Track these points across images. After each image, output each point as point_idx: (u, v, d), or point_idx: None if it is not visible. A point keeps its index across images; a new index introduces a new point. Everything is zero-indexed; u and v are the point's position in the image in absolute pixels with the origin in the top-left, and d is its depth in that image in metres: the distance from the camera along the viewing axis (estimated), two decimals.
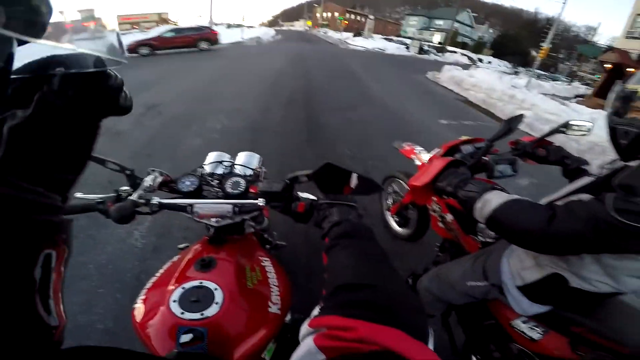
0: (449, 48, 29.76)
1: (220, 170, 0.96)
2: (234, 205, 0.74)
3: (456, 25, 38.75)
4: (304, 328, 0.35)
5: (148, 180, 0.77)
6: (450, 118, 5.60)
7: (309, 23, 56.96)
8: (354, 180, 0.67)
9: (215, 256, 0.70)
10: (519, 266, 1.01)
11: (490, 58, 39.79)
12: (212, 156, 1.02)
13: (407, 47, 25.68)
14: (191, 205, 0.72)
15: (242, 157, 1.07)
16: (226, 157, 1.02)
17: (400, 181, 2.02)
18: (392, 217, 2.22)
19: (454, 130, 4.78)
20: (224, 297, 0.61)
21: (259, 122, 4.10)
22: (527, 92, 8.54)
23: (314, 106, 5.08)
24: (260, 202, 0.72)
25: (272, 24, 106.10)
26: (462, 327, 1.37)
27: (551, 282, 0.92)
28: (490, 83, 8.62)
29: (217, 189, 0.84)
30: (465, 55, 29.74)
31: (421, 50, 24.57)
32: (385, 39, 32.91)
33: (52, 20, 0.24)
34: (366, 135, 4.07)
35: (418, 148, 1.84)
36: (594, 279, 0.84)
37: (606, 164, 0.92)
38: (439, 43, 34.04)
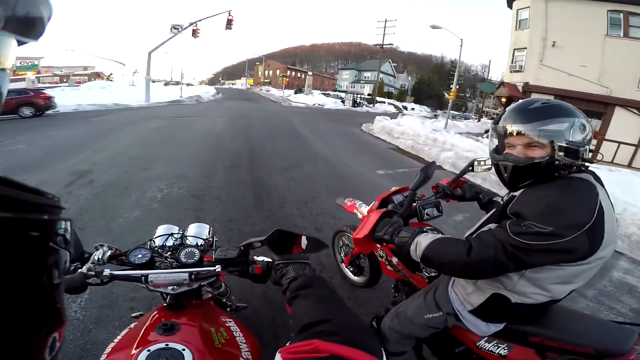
0: (378, 99, 33.74)
1: (170, 242, 0.99)
2: (190, 273, 0.77)
3: (381, 75, 44.32)
4: (277, 356, 0.42)
5: (97, 254, 0.79)
6: (386, 167, 6.13)
7: (251, 81, 59.92)
8: (303, 241, 0.76)
9: (176, 320, 0.72)
10: (464, 292, 1.11)
11: (413, 104, 45.83)
12: (161, 229, 1.06)
13: (343, 101, 28.46)
14: (146, 275, 0.75)
15: (192, 229, 1.12)
16: (175, 229, 1.06)
17: (348, 234, 2.16)
18: (347, 268, 2.34)
19: (390, 178, 5.22)
20: (194, 357, 0.61)
21: (202, 189, 3.99)
22: (446, 133, 9.87)
23: (259, 167, 5.15)
24: (218, 268, 0.78)
25: (212, 82, 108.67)
26: (437, 358, 1.41)
27: (495, 302, 1.01)
28: (415, 129, 9.82)
29: (171, 260, 0.87)
30: (392, 104, 33.91)
31: (355, 103, 27.37)
32: (323, 94, 36.09)
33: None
34: (312, 192, 4.21)
35: (358, 202, 2.04)
36: (528, 292, 0.95)
37: (506, 194, 1.09)
38: (369, 94, 38.39)
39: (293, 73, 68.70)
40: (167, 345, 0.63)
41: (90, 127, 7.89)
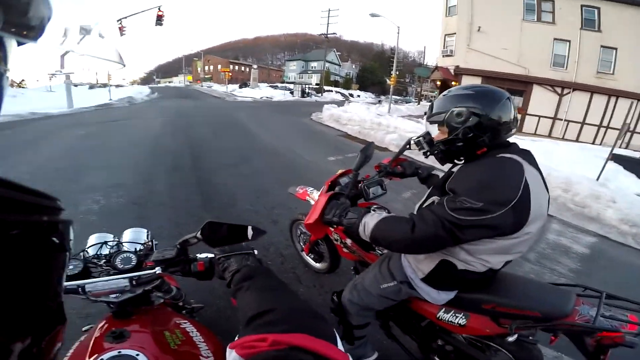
0: (326, 88, 34.09)
1: (106, 251, 0.95)
2: (130, 278, 0.74)
3: (327, 65, 44.75)
4: (227, 351, 0.42)
5: None
6: (336, 154, 6.31)
7: (189, 78, 55.95)
8: (250, 232, 0.75)
9: (126, 328, 0.69)
10: (415, 260, 1.17)
11: (359, 92, 47.28)
12: (93, 238, 1.01)
13: (292, 92, 28.26)
14: (81, 286, 0.71)
15: (128, 234, 1.06)
16: (109, 237, 1.00)
17: (301, 222, 2.18)
18: (308, 255, 2.35)
19: (341, 164, 5.35)
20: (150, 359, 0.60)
21: (144, 196, 3.69)
22: (390, 117, 10.43)
23: (204, 167, 4.92)
24: (158, 270, 0.75)
25: (145, 81, 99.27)
26: (408, 335, 1.48)
27: (444, 268, 1.08)
28: (361, 115, 10.18)
29: (107, 268, 0.83)
30: (339, 92, 34.54)
31: (303, 94, 27.36)
32: (271, 86, 35.36)
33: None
34: (264, 186, 4.17)
35: (310, 189, 2.05)
36: (470, 261, 1.03)
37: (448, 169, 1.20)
38: (317, 84, 38.63)
39: (237, 67, 65.91)
40: (119, 352, 0.61)
41: (3, 141, 6.71)
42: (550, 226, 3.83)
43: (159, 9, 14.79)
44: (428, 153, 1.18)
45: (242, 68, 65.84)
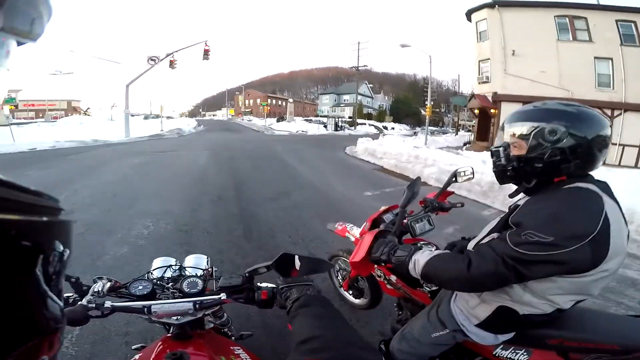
0: (359, 121, 34.83)
1: (169, 274, 0.98)
2: (195, 302, 0.76)
3: (359, 97, 46.01)
4: None
5: (97, 287, 0.79)
6: (372, 188, 6.22)
7: (232, 112, 60.42)
8: (297, 262, 0.76)
9: (184, 350, 0.69)
10: (467, 307, 1.08)
11: (392, 124, 47.53)
12: (157, 262, 1.05)
13: (325, 126, 29.22)
14: (148, 306, 0.74)
15: (190, 260, 1.09)
16: (172, 261, 1.04)
17: (344, 258, 2.14)
18: (347, 292, 2.28)
19: (378, 199, 5.27)
20: None
21: (189, 224, 3.89)
22: (427, 149, 10.22)
23: (246, 198, 5.11)
24: (223, 296, 0.78)
25: (193, 114, 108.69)
26: None
27: (502, 314, 0.99)
28: (397, 148, 10.11)
29: (173, 290, 0.86)
30: (372, 125, 35.03)
31: (337, 127, 28.19)
32: (305, 120, 36.94)
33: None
34: (302, 219, 4.20)
35: (349, 225, 2.02)
36: (534, 302, 0.93)
37: (507, 200, 1.11)
38: (350, 117, 39.66)
39: (274, 101, 70.10)
40: None
41: (69, 165, 7.64)
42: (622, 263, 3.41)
43: (205, 43, 16.50)
44: (497, 167, 1.03)
45: (279, 102, 69.76)
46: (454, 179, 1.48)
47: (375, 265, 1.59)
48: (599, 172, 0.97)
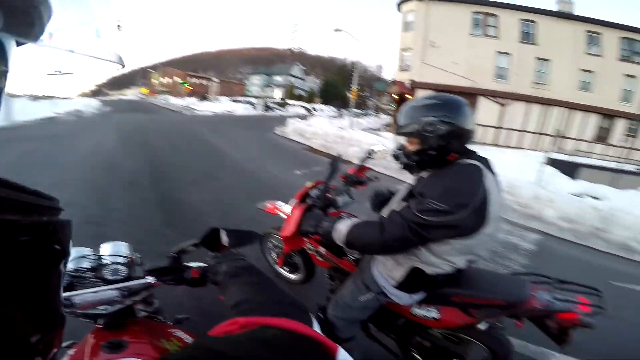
0: (290, 102, 34.38)
1: (86, 265, 0.87)
2: (121, 289, 0.71)
3: (291, 79, 44.99)
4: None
5: None
6: (302, 167, 6.43)
7: (145, 90, 52.72)
8: (223, 237, 0.76)
9: (121, 338, 0.65)
10: (385, 269, 1.22)
11: (322, 106, 48.27)
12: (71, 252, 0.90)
13: (254, 106, 27.91)
14: (69, 298, 0.67)
15: (107, 248, 0.99)
16: (87, 250, 0.93)
17: (276, 235, 2.19)
18: (282, 268, 2.34)
19: (307, 177, 5.41)
20: None
21: (99, 215, 3.44)
22: (351, 130, 10.86)
23: (166, 183, 4.72)
24: (150, 279, 0.74)
25: (96, 93, 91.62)
26: (386, 334, 1.53)
27: (414, 274, 1.14)
28: (324, 129, 10.47)
29: (95, 280, 0.78)
30: (302, 106, 35.08)
31: (267, 108, 27.28)
32: (233, 100, 34.62)
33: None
34: (232, 201, 4.11)
35: (279, 203, 2.08)
36: (438, 263, 1.10)
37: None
38: (281, 98, 38.80)
39: (196, 80, 63.67)
40: None
41: None
42: (500, 226, 4.24)
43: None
44: (403, 165, 1.21)
45: (202, 81, 63.74)
46: (368, 155, 1.61)
47: (306, 239, 1.67)
48: (491, 152, 1.23)
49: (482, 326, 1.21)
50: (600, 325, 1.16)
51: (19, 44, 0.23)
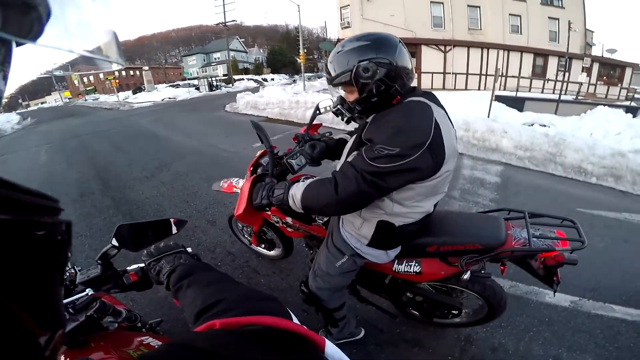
0: (236, 77, 32.33)
1: None
2: (64, 306, 0.67)
3: (232, 54, 42.10)
4: None
5: None
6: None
7: (67, 94, 46.51)
8: (173, 226, 0.74)
9: (86, 357, 0.64)
10: (354, 229, 1.15)
11: (272, 75, 46.27)
12: None
13: (197, 88, 25.89)
14: None
15: None
16: None
17: None
18: (259, 247, 2.26)
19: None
20: None
21: None
22: (306, 94, 10.53)
23: (117, 185, 4.32)
24: (89, 291, 0.70)
25: (10, 107, 79.70)
26: (377, 294, 1.50)
27: (383, 229, 1.06)
28: (278, 97, 10.05)
29: None
30: (251, 79, 33.24)
31: (212, 87, 25.39)
32: (171, 85, 31.85)
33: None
34: (190, 188, 3.90)
35: (235, 180, 1.92)
36: (404, 212, 1.02)
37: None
38: (225, 75, 36.28)
39: (124, 73, 57.20)
40: None
41: None
42: (462, 163, 4.33)
43: None
44: (348, 118, 1.09)
45: (132, 72, 57.46)
46: (317, 111, 1.50)
47: (269, 213, 1.56)
48: (441, 96, 1.07)
49: (467, 276, 1.16)
50: (580, 257, 1.08)
51: (18, 44, 0.23)
